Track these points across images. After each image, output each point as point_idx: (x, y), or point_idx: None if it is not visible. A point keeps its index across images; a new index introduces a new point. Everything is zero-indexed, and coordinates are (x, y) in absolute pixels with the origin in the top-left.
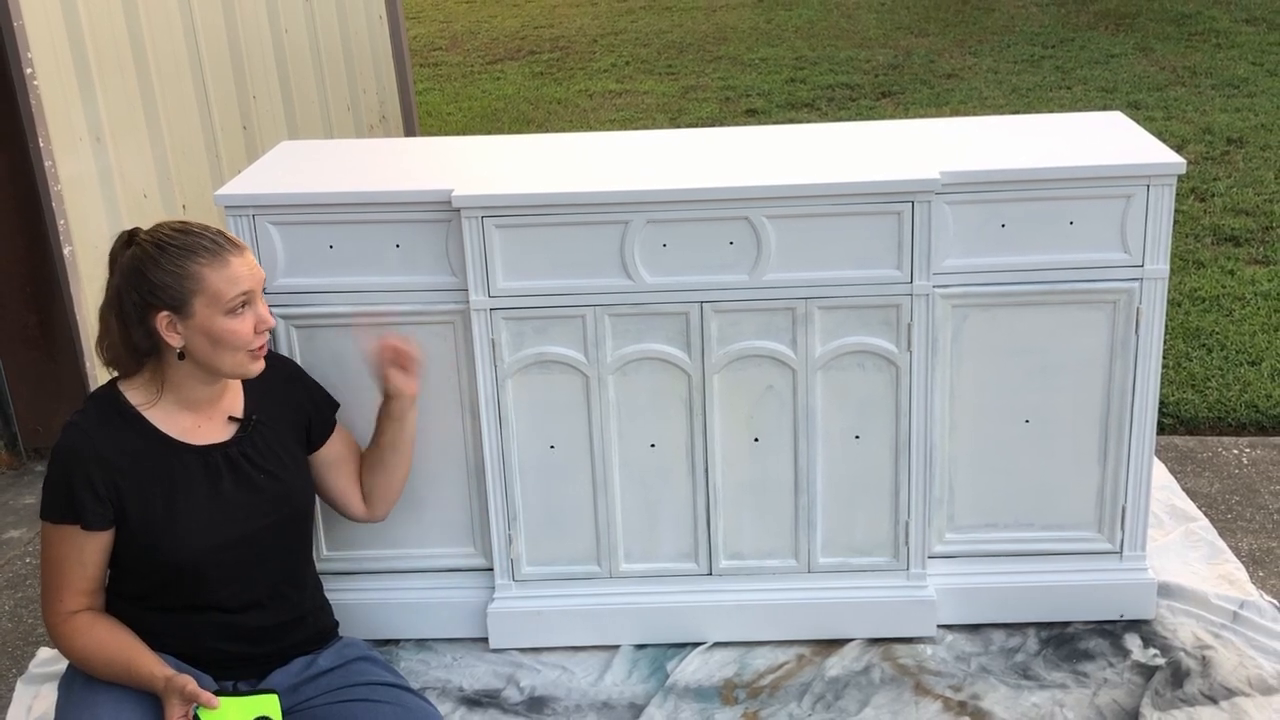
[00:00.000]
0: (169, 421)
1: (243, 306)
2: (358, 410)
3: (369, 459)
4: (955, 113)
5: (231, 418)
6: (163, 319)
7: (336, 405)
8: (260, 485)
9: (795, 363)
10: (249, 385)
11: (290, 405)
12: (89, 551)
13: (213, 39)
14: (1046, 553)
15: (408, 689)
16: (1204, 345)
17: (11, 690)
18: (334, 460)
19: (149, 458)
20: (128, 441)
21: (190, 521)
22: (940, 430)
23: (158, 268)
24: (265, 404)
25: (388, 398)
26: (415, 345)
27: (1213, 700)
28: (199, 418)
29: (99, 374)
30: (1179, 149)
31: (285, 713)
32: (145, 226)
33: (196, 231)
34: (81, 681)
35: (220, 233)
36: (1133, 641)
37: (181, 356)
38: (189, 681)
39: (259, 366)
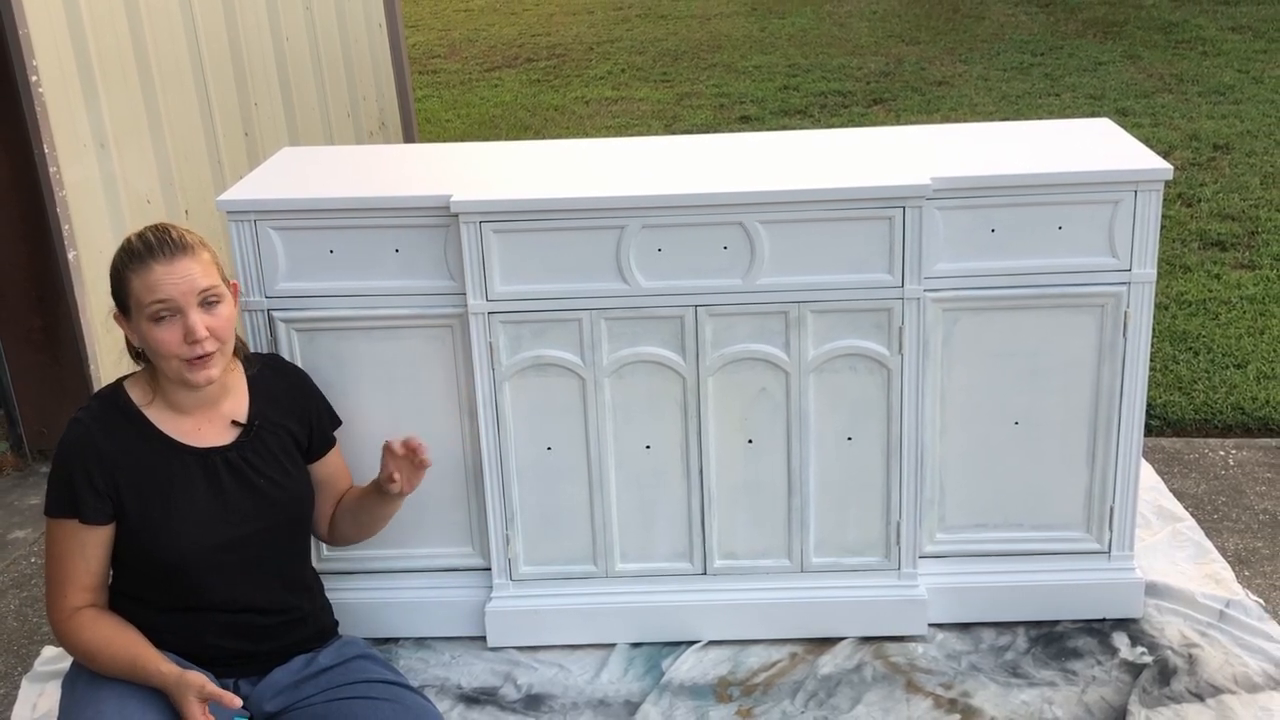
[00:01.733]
0: (169, 422)
1: (170, 315)
2: (356, 412)
3: (349, 505)
4: (946, 119)
5: (235, 422)
6: (117, 316)
7: (339, 422)
8: (260, 489)
9: (788, 365)
10: (255, 390)
11: (295, 414)
12: (90, 546)
13: (215, 47)
14: (1036, 553)
15: (407, 687)
16: (1190, 348)
17: (17, 688)
18: (321, 481)
19: (148, 456)
20: (128, 439)
21: (186, 522)
22: (931, 432)
23: (112, 268)
24: (270, 410)
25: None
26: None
27: (1199, 698)
28: (198, 420)
29: (103, 377)
30: (1166, 155)
31: (286, 710)
32: None
33: (149, 235)
34: (85, 679)
35: (165, 238)
36: (1120, 640)
37: (137, 356)
38: (205, 681)
39: (203, 377)
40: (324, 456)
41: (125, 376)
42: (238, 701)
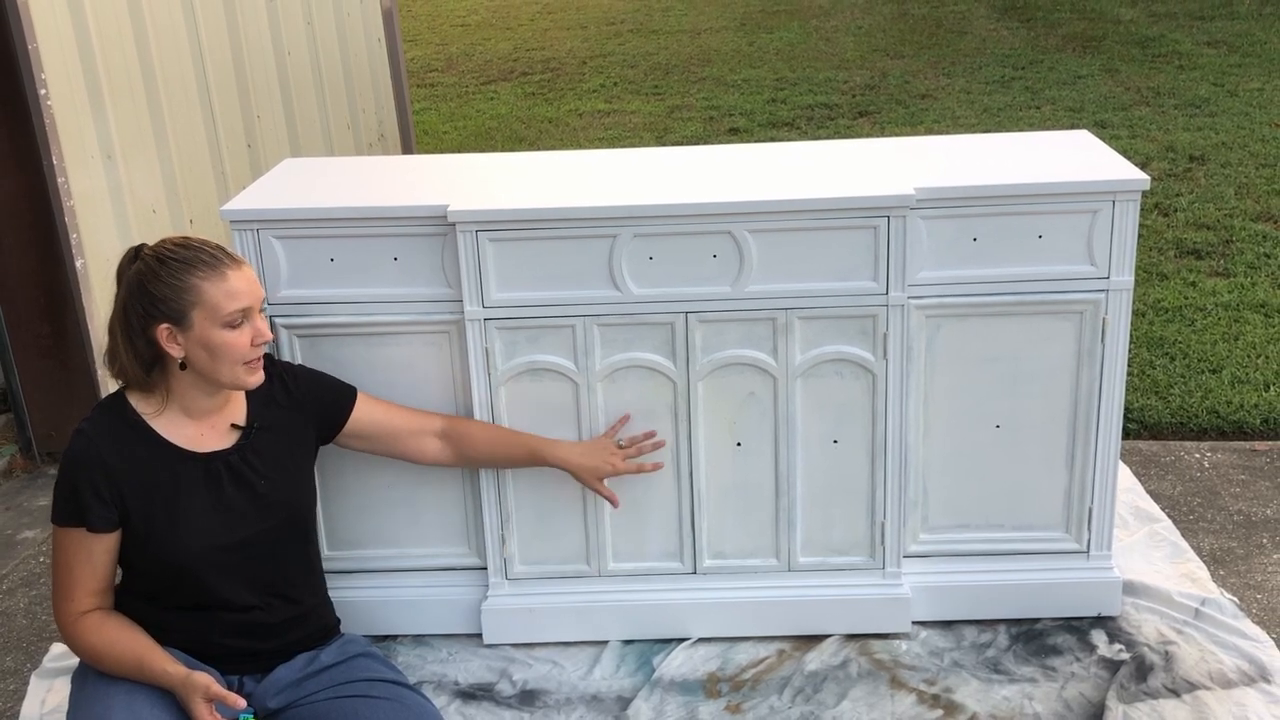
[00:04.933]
0: (174, 430)
1: (243, 321)
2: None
3: (494, 442)
4: (929, 131)
5: (234, 425)
6: (163, 331)
7: (351, 390)
8: (261, 491)
9: (776, 371)
10: (252, 393)
11: (293, 408)
12: (97, 553)
13: (219, 61)
14: (1016, 552)
15: (406, 685)
16: (1167, 354)
17: (26, 684)
18: (368, 435)
19: (152, 465)
20: (132, 449)
21: (191, 526)
22: (915, 435)
23: (159, 281)
24: (267, 411)
25: (578, 469)
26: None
27: (1175, 694)
28: (203, 426)
29: (109, 382)
30: (1143, 166)
31: (288, 707)
32: (154, 241)
33: (196, 245)
34: (94, 675)
35: (220, 247)
36: (1099, 637)
37: (183, 367)
38: (211, 682)
39: (256, 379)
40: (350, 420)
41: (126, 387)
42: (242, 703)
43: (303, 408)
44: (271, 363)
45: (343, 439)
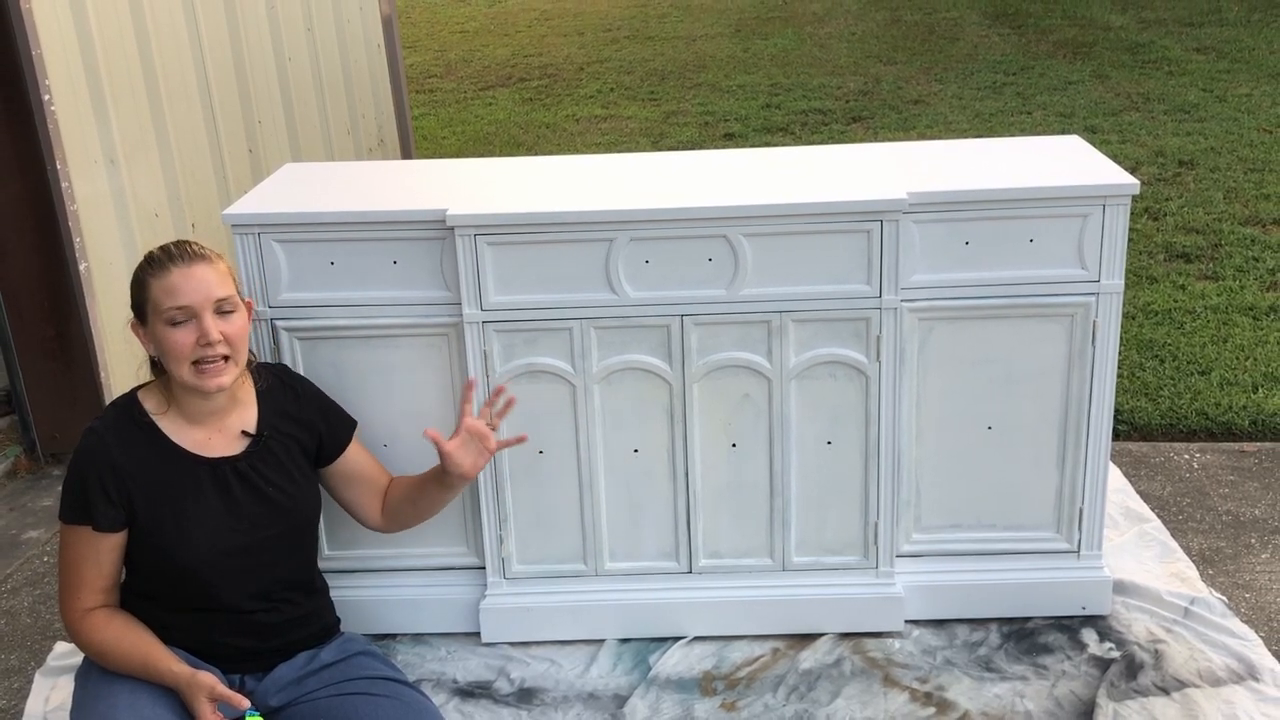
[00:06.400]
0: (181, 432)
1: (186, 320)
2: (356, 417)
3: (406, 491)
4: (922, 136)
5: (244, 432)
6: (134, 325)
7: (353, 424)
8: (269, 498)
9: (770, 373)
10: (264, 403)
11: (302, 423)
12: (103, 551)
13: (220, 67)
14: (1008, 552)
15: (405, 683)
16: (1157, 356)
17: (30, 682)
18: (348, 476)
19: (159, 466)
20: (140, 449)
21: (196, 529)
22: (908, 436)
23: (133, 278)
24: (278, 422)
25: (448, 471)
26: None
27: (1165, 691)
28: (209, 431)
29: (113, 384)
30: (1133, 171)
31: (289, 704)
32: (156, 245)
33: (170, 246)
34: (98, 673)
35: (185, 248)
36: (1089, 636)
37: (155, 364)
38: (216, 682)
39: (214, 384)
40: (342, 456)
41: (140, 386)
42: (246, 703)
43: (311, 424)
44: (286, 373)
45: (330, 473)
